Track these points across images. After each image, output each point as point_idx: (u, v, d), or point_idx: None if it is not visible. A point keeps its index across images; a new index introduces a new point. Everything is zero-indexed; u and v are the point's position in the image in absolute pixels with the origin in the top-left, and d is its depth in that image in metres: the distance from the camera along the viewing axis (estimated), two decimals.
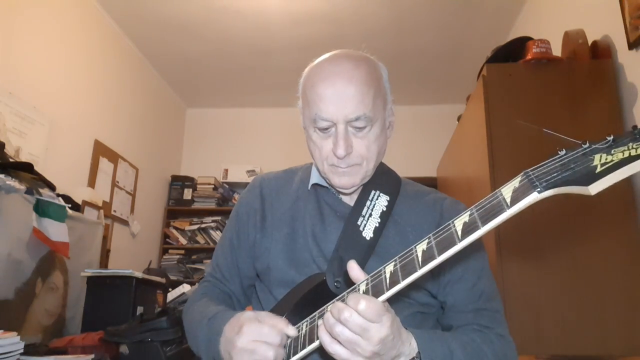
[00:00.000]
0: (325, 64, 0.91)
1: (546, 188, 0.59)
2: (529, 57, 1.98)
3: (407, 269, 0.67)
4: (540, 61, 1.98)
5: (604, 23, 2.10)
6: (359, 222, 0.93)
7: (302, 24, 3.55)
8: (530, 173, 0.61)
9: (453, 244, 0.63)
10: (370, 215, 0.94)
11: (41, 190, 2.02)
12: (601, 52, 2.05)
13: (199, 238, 4.55)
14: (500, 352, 0.85)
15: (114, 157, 3.65)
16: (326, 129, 0.89)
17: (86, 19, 3.31)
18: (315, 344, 0.75)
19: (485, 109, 1.95)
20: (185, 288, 2.82)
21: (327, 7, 3.36)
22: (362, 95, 0.86)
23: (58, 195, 2.20)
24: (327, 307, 0.78)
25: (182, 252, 4.49)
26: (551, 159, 0.61)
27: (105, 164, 3.51)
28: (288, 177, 1.09)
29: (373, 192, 0.97)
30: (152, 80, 4.37)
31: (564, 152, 0.61)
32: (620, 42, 1.97)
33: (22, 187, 1.91)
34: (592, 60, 2.02)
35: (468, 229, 0.63)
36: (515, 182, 0.62)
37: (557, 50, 2.13)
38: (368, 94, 0.86)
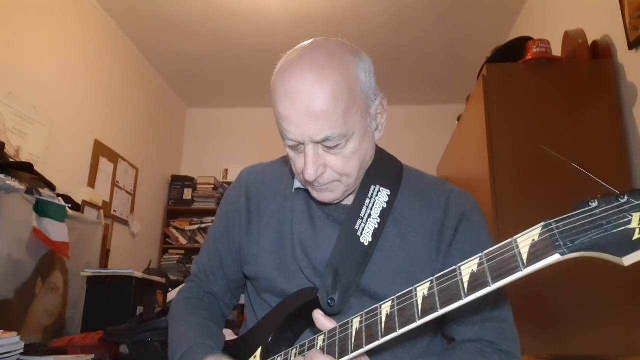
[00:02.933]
0: (286, 75, 0.78)
1: (571, 250, 0.50)
2: (529, 57, 1.98)
3: (405, 316, 0.61)
4: (540, 61, 1.98)
5: (604, 23, 2.10)
6: (356, 227, 0.84)
7: (302, 24, 3.54)
8: (554, 227, 0.52)
9: (458, 298, 0.57)
10: (370, 215, 0.85)
11: (41, 190, 2.02)
12: (601, 52, 2.05)
13: (199, 238, 4.54)
14: None
15: (114, 157, 3.65)
16: (296, 146, 0.80)
17: (86, 19, 3.31)
18: None
19: (485, 109, 1.95)
20: None
21: (327, 6, 3.36)
22: (327, 115, 0.74)
23: (58, 195, 2.19)
24: (291, 351, 0.77)
25: (182, 252, 4.48)
26: (580, 211, 0.52)
27: (105, 164, 3.51)
28: (277, 171, 0.99)
29: (373, 187, 0.87)
30: (152, 80, 4.37)
31: (596, 204, 0.51)
32: (620, 42, 1.97)
33: (22, 187, 1.91)
34: (592, 60, 2.02)
35: (475, 283, 0.56)
36: (534, 234, 0.54)
37: (557, 50, 2.12)
38: (335, 111, 0.74)
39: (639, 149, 1.83)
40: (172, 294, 2.74)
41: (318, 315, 0.74)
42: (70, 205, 2.20)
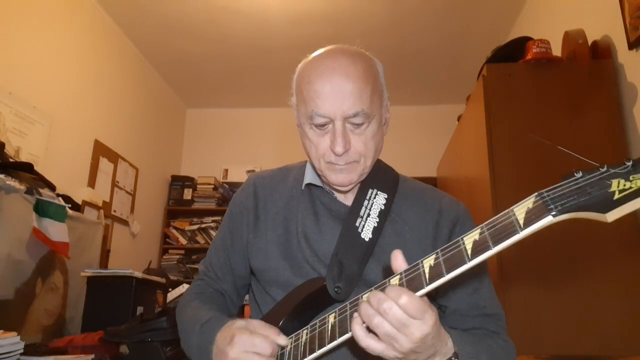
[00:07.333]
0: (321, 59, 0.89)
1: (561, 212, 0.57)
2: (529, 57, 1.98)
3: (414, 285, 0.65)
4: (540, 61, 1.98)
5: (604, 23, 2.10)
6: (357, 224, 0.91)
7: (302, 24, 3.54)
8: (545, 194, 0.59)
9: (462, 262, 0.62)
10: (369, 215, 0.92)
11: (41, 190, 2.02)
12: (601, 52, 2.05)
13: (199, 238, 4.55)
14: (508, 359, 0.86)
15: (114, 157, 3.65)
16: (323, 125, 0.87)
17: (86, 19, 3.31)
18: (315, 354, 0.74)
19: (485, 109, 1.95)
20: (185, 288, 2.82)
21: (327, 7, 3.36)
22: (360, 91, 0.84)
23: (58, 195, 2.20)
24: (336, 311, 0.77)
25: (182, 252, 4.49)
26: (567, 181, 0.59)
27: (105, 164, 3.51)
28: (282, 175, 1.06)
29: (371, 190, 0.95)
30: (152, 80, 4.37)
31: (580, 174, 0.59)
32: (620, 42, 1.97)
33: (22, 187, 1.91)
34: (592, 60, 2.02)
35: (478, 248, 0.61)
36: (528, 202, 0.60)
37: (557, 50, 2.12)
38: (366, 90, 0.85)
39: (639, 149, 1.83)
40: (172, 294, 2.74)
41: (397, 253, 0.71)
42: (70, 205, 2.20)
